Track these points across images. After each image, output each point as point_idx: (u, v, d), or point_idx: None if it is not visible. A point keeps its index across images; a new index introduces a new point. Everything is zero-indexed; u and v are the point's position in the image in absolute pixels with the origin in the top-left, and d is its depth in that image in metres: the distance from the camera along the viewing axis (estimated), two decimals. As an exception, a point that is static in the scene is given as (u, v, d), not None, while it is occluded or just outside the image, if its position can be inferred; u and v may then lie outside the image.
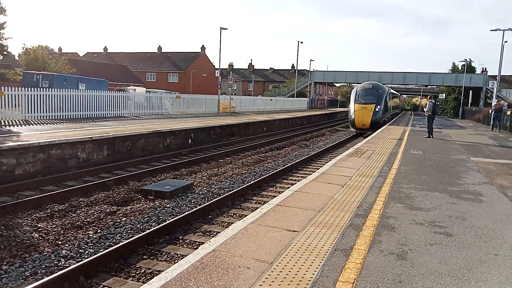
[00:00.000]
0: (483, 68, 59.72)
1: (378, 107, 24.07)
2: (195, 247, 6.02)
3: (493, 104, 26.71)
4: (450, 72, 56.04)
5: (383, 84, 32.91)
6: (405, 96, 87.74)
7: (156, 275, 4.43)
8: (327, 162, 11.97)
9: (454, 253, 4.21)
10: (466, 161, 11.15)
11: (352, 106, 24.72)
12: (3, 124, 14.60)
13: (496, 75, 33.39)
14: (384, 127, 22.91)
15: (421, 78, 53.24)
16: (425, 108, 18.67)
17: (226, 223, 7.23)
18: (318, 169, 9.70)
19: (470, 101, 45.54)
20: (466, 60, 47.71)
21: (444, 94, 57.22)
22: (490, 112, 27.23)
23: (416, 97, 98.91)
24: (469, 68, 51.06)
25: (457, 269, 3.79)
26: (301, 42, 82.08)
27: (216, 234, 6.19)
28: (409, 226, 5.02)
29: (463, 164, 10.44)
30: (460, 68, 53.81)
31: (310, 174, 9.41)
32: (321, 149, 17.16)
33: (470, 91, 45.81)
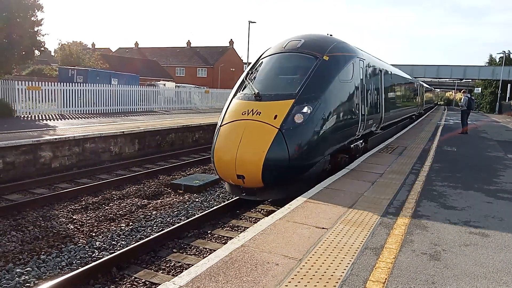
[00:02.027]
0: (523, 60, 56.92)
1: (311, 108, 6.99)
2: (224, 241, 6.08)
3: None
4: (487, 64, 53.77)
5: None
6: (439, 90, 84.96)
7: (185, 269, 4.51)
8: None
9: (491, 254, 4.05)
10: (504, 158, 10.69)
11: (224, 109, 7.94)
12: (40, 118, 15.20)
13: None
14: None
15: (456, 71, 51.33)
16: (460, 102, 18.02)
17: (254, 219, 7.25)
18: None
19: (508, 95, 43.59)
20: (504, 52, 45.73)
21: (480, 88, 54.93)
22: None
23: (450, 91, 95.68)
24: (507, 60, 48.79)
25: (494, 272, 3.64)
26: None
27: (244, 229, 6.23)
28: (442, 226, 4.87)
29: (500, 162, 10.02)
30: (497, 60, 51.55)
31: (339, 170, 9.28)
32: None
33: (509, 85, 43.83)
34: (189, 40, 70.15)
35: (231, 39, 67.91)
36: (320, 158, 7.29)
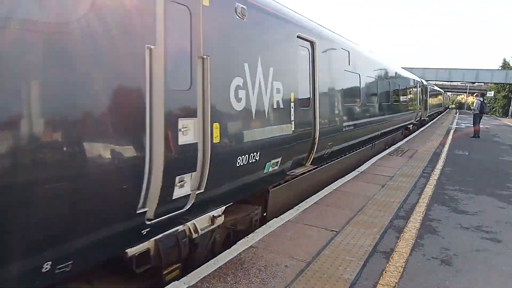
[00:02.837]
0: (537, 64, 55.98)
1: None
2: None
3: None
4: (500, 68, 53.04)
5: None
6: (450, 93, 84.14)
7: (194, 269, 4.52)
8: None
9: (504, 260, 3.99)
10: (517, 163, 10.53)
11: None
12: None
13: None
14: None
15: (468, 75, 50.54)
16: (472, 106, 17.80)
17: (263, 220, 7.23)
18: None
19: (521, 99, 42.97)
20: (518, 55, 44.97)
21: (492, 92, 54.14)
22: None
23: (461, 94, 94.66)
24: (521, 64, 48.13)
25: (508, 278, 3.58)
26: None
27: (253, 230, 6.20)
28: (453, 230, 4.81)
29: (513, 166, 9.86)
30: (511, 64, 50.85)
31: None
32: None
33: (522, 89, 43.18)
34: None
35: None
36: None
